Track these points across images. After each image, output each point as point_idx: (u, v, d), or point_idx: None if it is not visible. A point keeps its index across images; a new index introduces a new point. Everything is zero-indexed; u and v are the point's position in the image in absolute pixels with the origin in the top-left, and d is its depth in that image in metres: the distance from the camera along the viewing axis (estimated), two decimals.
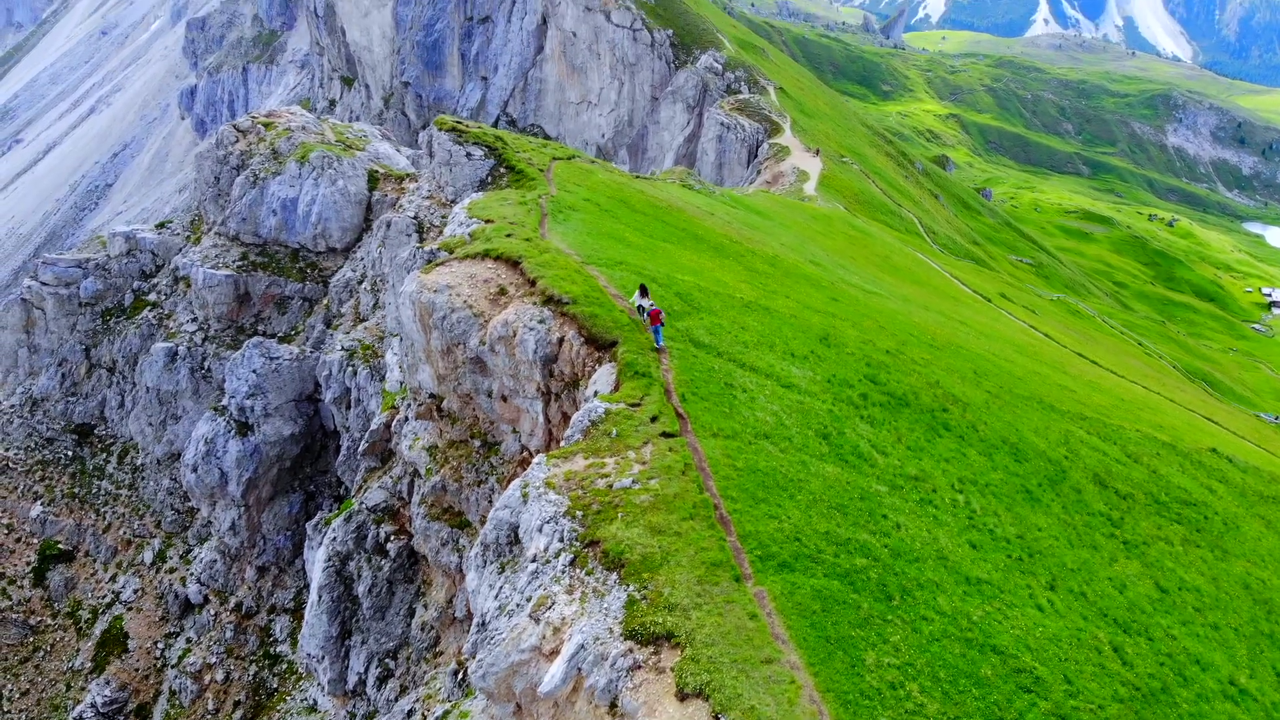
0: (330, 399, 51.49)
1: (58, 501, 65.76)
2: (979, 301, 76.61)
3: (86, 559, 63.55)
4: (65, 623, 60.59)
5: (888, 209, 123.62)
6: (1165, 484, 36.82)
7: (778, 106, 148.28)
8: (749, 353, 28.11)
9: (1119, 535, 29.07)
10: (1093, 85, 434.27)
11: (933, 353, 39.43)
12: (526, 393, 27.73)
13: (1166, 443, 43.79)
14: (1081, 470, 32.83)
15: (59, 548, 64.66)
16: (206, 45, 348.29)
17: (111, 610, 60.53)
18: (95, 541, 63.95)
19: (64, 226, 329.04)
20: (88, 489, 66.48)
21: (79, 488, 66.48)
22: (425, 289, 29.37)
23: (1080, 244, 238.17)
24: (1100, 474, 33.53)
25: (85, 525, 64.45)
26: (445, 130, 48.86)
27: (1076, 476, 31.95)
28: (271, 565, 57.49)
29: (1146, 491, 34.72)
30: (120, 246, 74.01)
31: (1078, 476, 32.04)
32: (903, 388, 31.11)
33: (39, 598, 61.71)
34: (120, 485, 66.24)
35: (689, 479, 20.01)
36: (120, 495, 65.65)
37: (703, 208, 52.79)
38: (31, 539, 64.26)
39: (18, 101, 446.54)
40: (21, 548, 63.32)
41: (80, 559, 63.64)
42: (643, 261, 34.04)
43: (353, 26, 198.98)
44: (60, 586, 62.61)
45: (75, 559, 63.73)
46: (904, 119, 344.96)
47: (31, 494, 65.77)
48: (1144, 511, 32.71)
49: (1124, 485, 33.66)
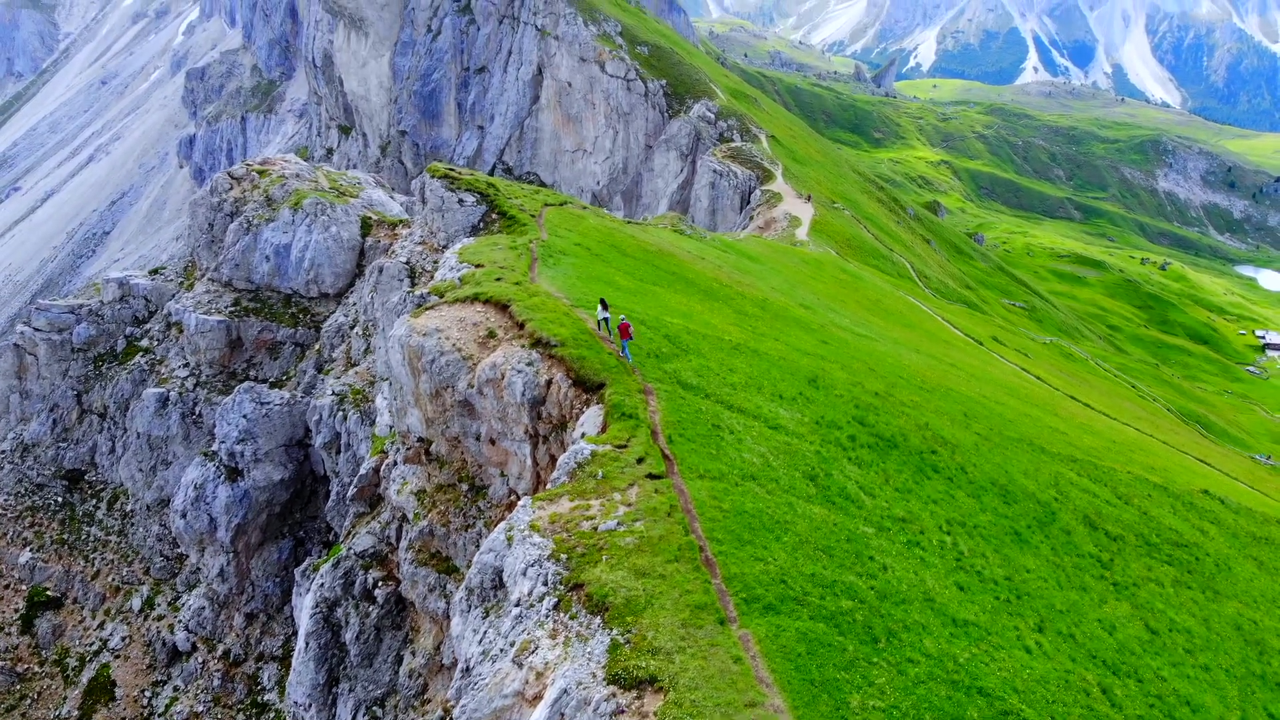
0: (320, 444, 51.39)
1: (47, 548, 65.22)
2: (971, 345, 76.81)
3: (75, 606, 62.93)
4: (53, 670, 59.86)
5: (879, 254, 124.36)
6: (1156, 525, 36.74)
7: (770, 154, 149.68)
8: (737, 394, 28.19)
9: (1109, 577, 28.97)
10: (1083, 131, 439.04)
11: (922, 395, 39.50)
12: (514, 435, 27.74)
13: (1158, 484, 43.75)
14: (1071, 512, 32.78)
15: (47, 594, 63.92)
16: (206, 95, 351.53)
17: (99, 658, 59.84)
18: (84, 588, 63.35)
19: (61, 274, 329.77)
20: (77, 535, 65.98)
21: (68, 534, 65.96)
22: (415, 332, 29.49)
23: (1073, 288, 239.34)
24: (1090, 515, 33.47)
25: (74, 572, 63.88)
26: (438, 177, 49.25)
27: (1066, 518, 31.90)
28: (260, 612, 56.88)
29: (1137, 533, 34.64)
30: (113, 292, 73.95)
31: (1067, 518, 31.99)
32: (891, 429, 31.14)
33: (26, 645, 61.04)
34: (110, 531, 65.76)
35: (674, 521, 19.98)
36: (110, 541, 65.15)
37: (694, 252, 53.13)
38: (20, 585, 63.70)
39: (17, 150, 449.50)
40: (10, 594, 62.77)
41: (69, 606, 63.01)
42: (631, 304, 34.21)
43: (350, 76, 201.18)
44: (48, 633, 61.95)
45: (64, 606, 63.10)
46: (896, 166, 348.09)
47: (21, 540, 65.27)
48: (1135, 553, 32.62)
49: (1114, 527, 33.59)
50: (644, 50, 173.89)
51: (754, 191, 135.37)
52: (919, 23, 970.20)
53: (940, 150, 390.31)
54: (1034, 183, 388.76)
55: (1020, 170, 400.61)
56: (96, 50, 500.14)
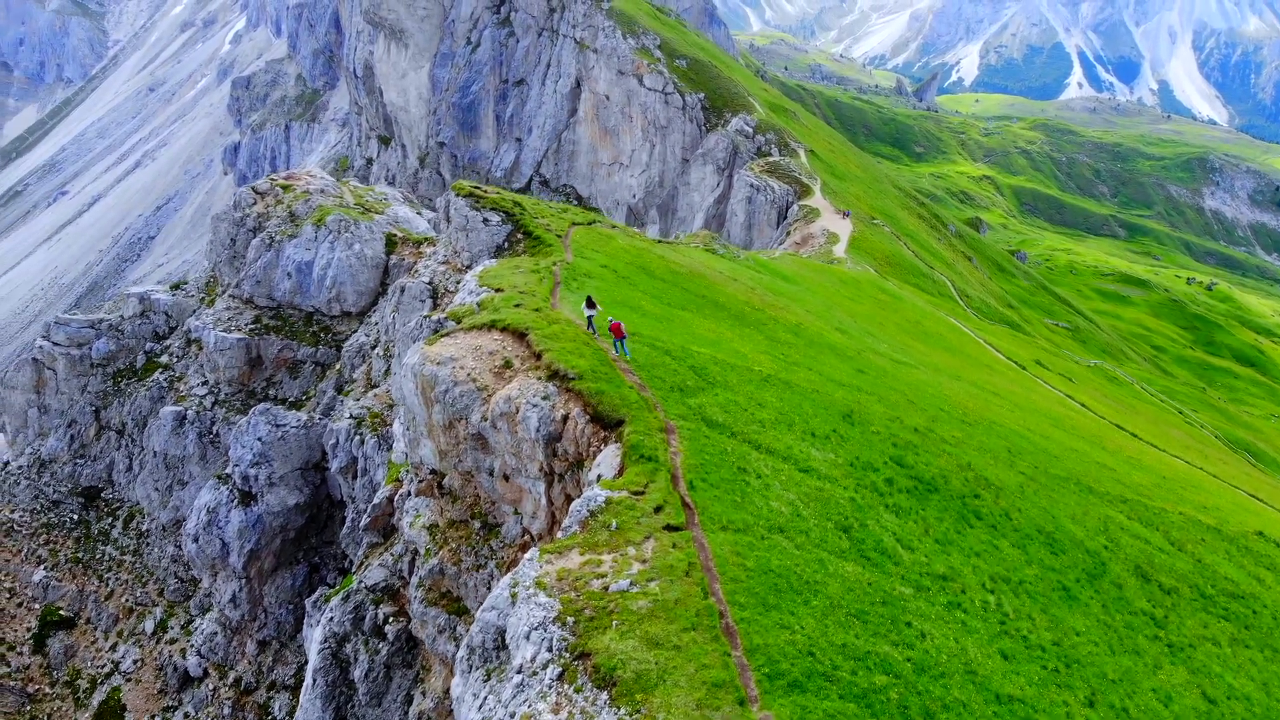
0: (337, 468, 50.12)
1: (61, 566, 64.49)
2: (1014, 369, 74.49)
3: (87, 626, 62.08)
4: (63, 691, 58.99)
5: (919, 271, 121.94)
6: (1211, 574, 34.57)
7: (808, 168, 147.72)
8: (765, 433, 26.50)
9: (1163, 637, 26.95)
10: (1128, 148, 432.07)
11: (964, 429, 37.59)
12: (529, 472, 26.26)
13: (1211, 526, 41.48)
14: (1122, 562, 30.75)
15: (60, 614, 63.37)
16: (251, 103, 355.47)
17: (110, 680, 58.89)
18: (97, 609, 62.50)
19: (106, 277, 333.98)
20: (92, 554, 65.10)
21: (83, 552, 65.12)
22: (428, 361, 28.10)
23: (1117, 307, 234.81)
24: (1143, 566, 31.42)
25: (88, 591, 63.03)
26: (463, 195, 47.93)
27: (1117, 570, 29.89)
28: (273, 639, 55.67)
29: (1191, 584, 32.52)
30: (134, 307, 73.72)
31: (1118, 570, 29.97)
32: (931, 471, 29.33)
33: (38, 665, 60.25)
34: (125, 551, 64.84)
35: (693, 581, 18.35)
36: (124, 561, 64.21)
37: (726, 273, 51.49)
38: (33, 604, 62.93)
39: (65, 154, 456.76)
40: (23, 613, 61.99)
41: (81, 626, 62.17)
42: (657, 332, 32.66)
43: (390, 88, 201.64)
44: (60, 654, 61.15)
45: (76, 626, 62.28)
46: (937, 180, 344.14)
47: (35, 558, 64.53)
48: (1189, 608, 30.53)
49: (1168, 578, 31.51)
50: (682, 63, 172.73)
51: (791, 206, 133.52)
52: (962, 37, 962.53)
53: (983, 165, 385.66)
54: (1078, 199, 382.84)
55: (1064, 186, 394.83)
56: (145, 58, 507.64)
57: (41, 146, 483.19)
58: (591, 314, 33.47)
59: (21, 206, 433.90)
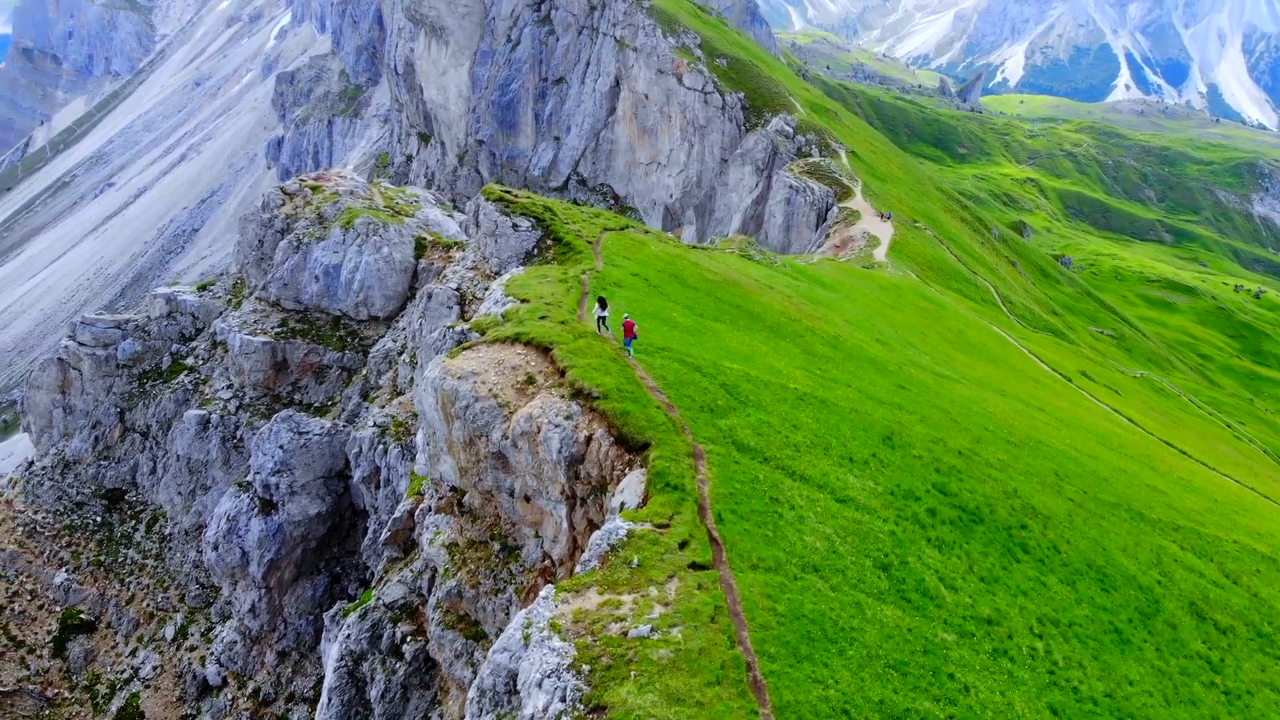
0: (360, 478, 49.12)
1: (83, 569, 64.17)
2: (1059, 381, 72.37)
3: (108, 630, 61.64)
4: (82, 696, 58.55)
5: (962, 276, 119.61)
6: (1268, 610, 32.70)
7: (849, 170, 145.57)
8: (800, 458, 25.11)
9: (1220, 683, 25.26)
10: (1176, 152, 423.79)
11: (1010, 451, 35.95)
12: (550, 495, 25.06)
13: (1266, 555, 39.51)
14: (1176, 599, 29.04)
15: (81, 617, 63.16)
16: (295, 98, 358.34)
17: (129, 686, 58.38)
18: (118, 613, 62.02)
19: (150, 269, 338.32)
20: (114, 557, 64.60)
21: (105, 555, 64.66)
22: (449, 375, 26.96)
23: (1163, 314, 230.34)
24: (1197, 602, 29.68)
25: (109, 595, 62.56)
26: (492, 200, 46.68)
27: (1171, 607, 28.19)
28: (292, 650, 54.87)
29: (1248, 621, 30.71)
30: (161, 308, 73.26)
31: (1172, 607, 28.28)
32: (976, 499, 27.80)
33: (58, 669, 59.88)
34: (147, 555, 64.30)
35: (718, 628, 17.03)
36: (146, 565, 63.68)
37: (762, 281, 50.02)
38: (54, 606, 62.51)
39: (112, 146, 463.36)
40: (44, 615, 61.64)
41: (102, 630, 61.72)
42: (688, 346, 31.32)
43: (430, 85, 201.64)
44: (80, 658, 60.78)
45: (97, 630, 61.82)
46: (981, 182, 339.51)
47: (57, 560, 64.19)
48: (1246, 648, 28.75)
49: (1223, 615, 29.74)
50: (723, 63, 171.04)
51: (831, 208, 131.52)
52: (1007, 37, 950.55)
53: (1027, 168, 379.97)
54: (1124, 203, 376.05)
55: (1110, 190, 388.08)
56: (191, 52, 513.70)
57: (89, 138, 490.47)
58: (603, 315, 32.88)
59: (69, 197, 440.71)
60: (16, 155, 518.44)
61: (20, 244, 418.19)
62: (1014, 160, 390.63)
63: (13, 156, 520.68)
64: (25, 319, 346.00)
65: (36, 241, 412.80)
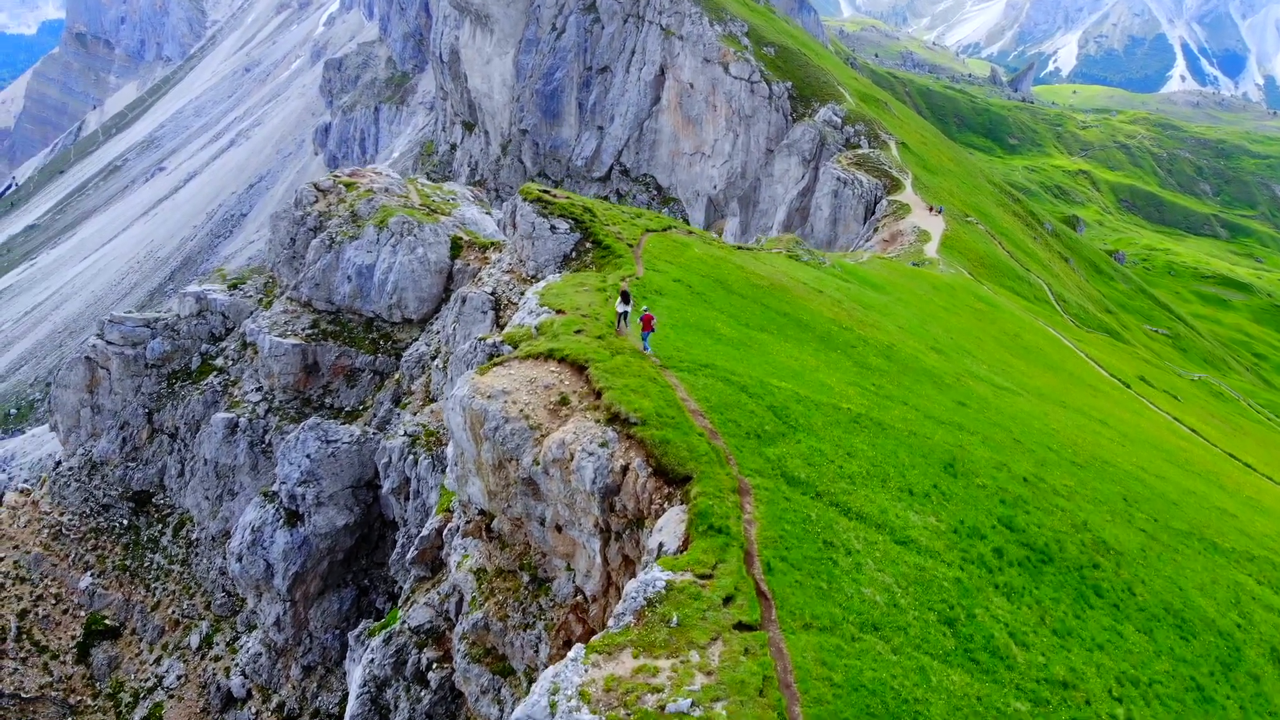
0: (389, 489, 47.53)
1: (108, 573, 63.35)
2: (1118, 388, 69.49)
3: (133, 637, 60.55)
4: (105, 704, 57.53)
5: (1015, 274, 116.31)
6: None
7: (899, 162, 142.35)
8: (856, 492, 23.09)
9: None
10: (1232, 145, 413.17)
11: (1076, 475, 33.65)
12: (583, 527, 23.26)
13: None
14: (1257, 644, 26.72)
15: (105, 623, 62.11)
16: (342, 85, 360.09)
17: (153, 695, 57.25)
18: (143, 619, 60.95)
19: (200, 252, 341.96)
20: (140, 562, 63.51)
21: (131, 560, 63.65)
22: (478, 394, 25.21)
23: (1217, 311, 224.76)
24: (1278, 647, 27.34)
25: (134, 601, 61.48)
26: (530, 200, 44.68)
27: (1252, 655, 25.89)
28: (318, 665, 53.32)
29: None
30: (190, 307, 71.74)
31: (1253, 655, 25.97)
32: (1044, 535, 25.65)
33: (80, 675, 58.85)
34: (173, 560, 63.25)
35: (767, 703, 15.14)
36: (172, 571, 62.50)
37: (810, 284, 47.86)
38: (79, 611, 61.56)
39: (163, 131, 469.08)
40: (68, 620, 60.72)
41: (126, 636, 60.62)
42: (733, 363, 29.34)
43: (474, 73, 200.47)
44: (103, 665, 59.80)
45: (121, 636, 60.73)
46: (1031, 174, 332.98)
47: (82, 563, 63.39)
48: None
49: None
50: (770, 51, 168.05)
51: (880, 201, 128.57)
52: (1059, 26, 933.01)
53: (1079, 159, 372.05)
54: (1178, 197, 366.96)
55: (1164, 183, 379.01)
56: (242, 38, 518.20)
57: (141, 123, 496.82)
58: (625, 310, 31.61)
59: (121, 181, 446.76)
60: (69, 139, 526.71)
61: (73, 226, 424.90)
62: (1066, 152, 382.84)
63: (66, 140, 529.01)
64: (76, 300, 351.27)
65: (88, 224, 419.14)
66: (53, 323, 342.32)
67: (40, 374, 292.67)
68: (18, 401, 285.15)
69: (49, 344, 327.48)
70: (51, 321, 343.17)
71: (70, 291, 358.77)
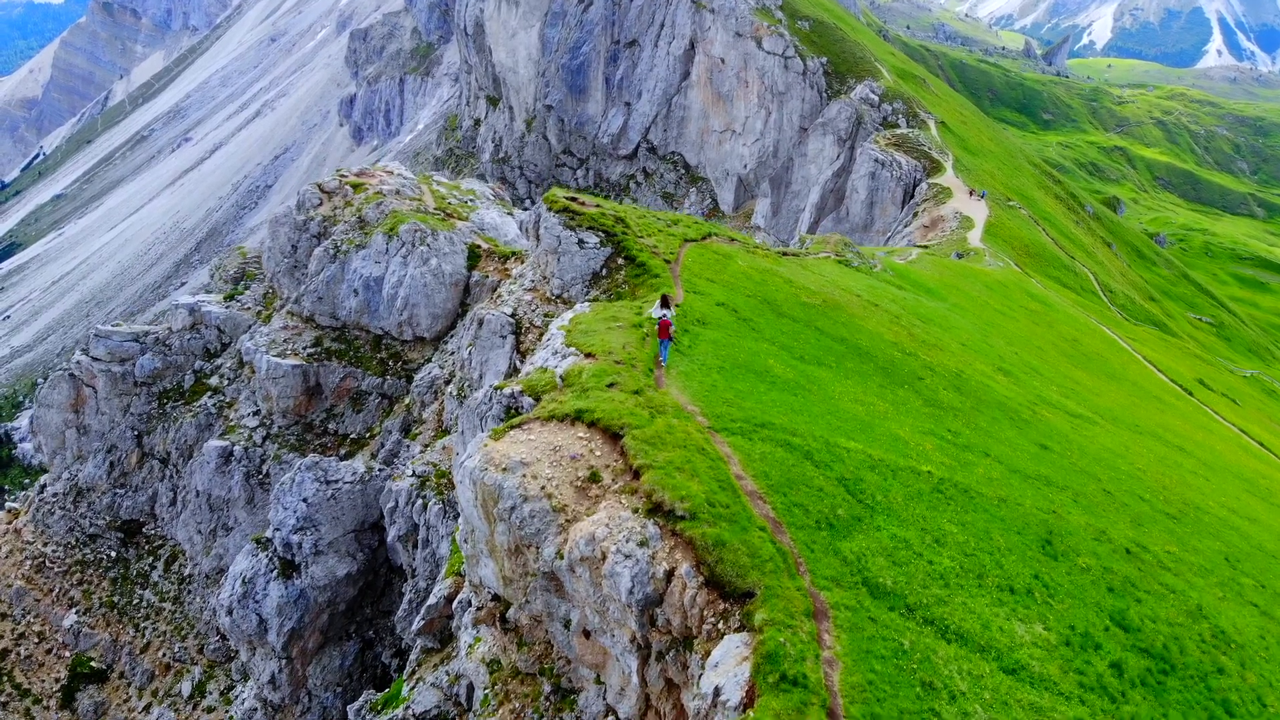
0: (395, 535, 43.35)
1: (95, 611, 59.44)
2: (1181, 397, 65.18)
3: (121, 681, 56.44)
4: None
5: (1060, 263, 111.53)
6: None
7: (939, 143, 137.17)
8: (951, 599, 19.15)
9: None
10: (1270, 123, 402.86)
11: (1173, 531, 29.66)
12: (616, 638, 19.30)
13: None
14: None
15: (91, 665, 58.19)
16: (367, 55, 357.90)
17: None
18: (131, 662, 56.87)
19: (225, 223, 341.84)
20: (128, 598, 59.74)
21: (119, 596, 59.96)
22: (491, 465, 21.23)
23: (1255, 294, 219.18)
24: None
25: (122, 642, 57.24)
26: (555, 211, 39.91)
27: None
28: None
29: None
30: (183, 320, 66.45)
31: None
32: (1160, 633, 21.75)
33: None
34: (164, 597, 59.47)
35: None
36: (163, 610, 58.32)
37: (864, 296, 43.74)
38: (64, 651, 58.04)
39: (189, 101, 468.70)
40: (52, 661, 56.82)
41: (114, 680, 56.40)
42: (792, 416, 25.32)
43: (499, 47, 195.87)
44: (89, 711, 55.36)
45: (108, 680, 56.73)
46: (1065, 150, 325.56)
47: (67, 599, 59.67)
48: None
49: None
50: (804, 25, 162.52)
51: (920, 184, 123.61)
52: None
53: (1114, 135, 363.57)
54: (1214, 175, 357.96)
55: (1200, 161, 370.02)
56: (267, 8, 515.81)
57: (167, 93, 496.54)
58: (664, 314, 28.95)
59: (147, 151, 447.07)
60: (96, 109, 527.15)
61: (100, 196, 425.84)
62: (1101, 128, 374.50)
63: (93, 110, 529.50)
64: (103, 270, 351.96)
65: (115, 194, 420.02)
66: (79, 292, 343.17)
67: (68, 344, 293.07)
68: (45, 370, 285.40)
69: (76, 314, 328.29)
70: (79, 291, 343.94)
71: (97, 261, 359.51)
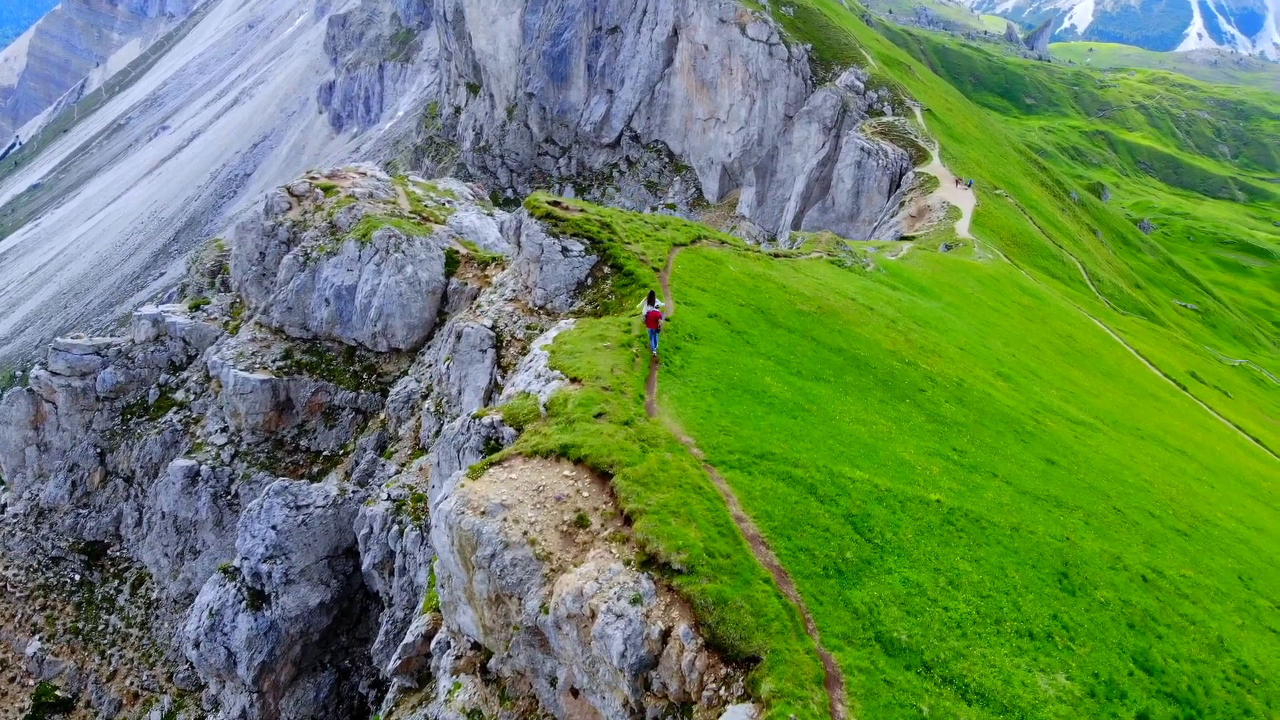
0: (370, 563, 41.01)
1: (59, 638, 56.88)
2: (1176, 392, 64.27)
3: (87, 711, 53.61)
4: None
5: (1048, 252, 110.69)
6: None
7: (925, 131, 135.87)
8: (970, 652, 17.81)
9: None
10: (1251, 106, 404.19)
11: (1187, 552, 28.51)
12: (607, 700, 17.63)
13: None
14: None
15: (56, 694, 55.50)
16: (346, 42, 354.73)
17: None
18: (98, 691, 54.55)
19: (204, 213, 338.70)
20: (94, 624, 57.39)
21: (84, 621, 57.50)
22: (469, 509, 19.46)
23: (1237, 278, 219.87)
24: None
25: (88, 670, 55.28)
26: (538, 217, 37.94)
27: None
28: None
29: None
30: (146, 331, 63.39)
31: None
32: (1184, 674, 20.53)
33: None
34: (131, 623, 56.98)
35: None
36: (130, 636, 56.25)
37: (859, 300, 42.33)
38: (27, 679, 55.58)
39: (166, 89, 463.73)
40: (15, 690, 53.92)
41: (80, 710, 53.68)
42: (793, 444, 23.83)
43: (479, 34, 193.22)
44: None
45: (74, 710, 54.51)
46: (1047, 135, 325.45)
47: (30, 625, 57.14)
48: None
49: None
50: (789, 11, 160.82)
51: (906, 173, 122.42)
52: None
53: (1096, 120, 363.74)
54: (1196, 158, 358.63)
55: (1182, 145, 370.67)
56: None
57: (143, 81, 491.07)
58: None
59: (124, 139, 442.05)
60: (73, 97, 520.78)
61: (77, 186, 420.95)
62: (1083, 112, 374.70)
63: (69, 98, 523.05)
64: (81, 261, 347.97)
65: (92, 184, 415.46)
66: (58, 283, 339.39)
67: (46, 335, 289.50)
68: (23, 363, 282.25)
69: (54, 305, 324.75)
70: (57, 282, 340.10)
71: (75, 252, 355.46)
